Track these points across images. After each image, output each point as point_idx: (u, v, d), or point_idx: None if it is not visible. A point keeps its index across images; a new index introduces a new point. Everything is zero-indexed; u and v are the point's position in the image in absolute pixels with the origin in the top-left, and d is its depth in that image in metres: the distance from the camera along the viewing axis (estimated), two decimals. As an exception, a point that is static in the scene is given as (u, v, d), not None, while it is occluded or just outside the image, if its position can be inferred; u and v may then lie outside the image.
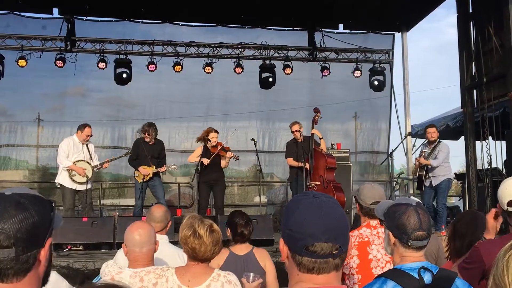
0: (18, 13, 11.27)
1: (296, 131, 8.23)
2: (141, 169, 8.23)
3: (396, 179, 10.79)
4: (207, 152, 7.99)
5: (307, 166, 7.93)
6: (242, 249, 3.83)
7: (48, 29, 11.29)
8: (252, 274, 3.07)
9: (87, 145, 8.15)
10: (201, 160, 7.89)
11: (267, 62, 11.68)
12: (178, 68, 11.15)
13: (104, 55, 11.01)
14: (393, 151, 10.01)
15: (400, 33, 12.53)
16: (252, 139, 9.00)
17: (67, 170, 7.91)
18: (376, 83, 11.86)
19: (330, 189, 7.74)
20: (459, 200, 12.39)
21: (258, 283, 3.07)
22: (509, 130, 8.59)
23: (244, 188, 13.54)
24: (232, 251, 3.81)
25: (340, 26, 12.31)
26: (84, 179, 7.93)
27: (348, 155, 10.32)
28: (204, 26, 12.23)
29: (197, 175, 7.98)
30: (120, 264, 3.00)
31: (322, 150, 8.14)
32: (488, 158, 8.62)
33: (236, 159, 8.17)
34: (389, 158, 10.39)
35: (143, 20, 11.87)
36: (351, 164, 10.32)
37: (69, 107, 12.51)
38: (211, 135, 7.99)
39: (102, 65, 10.88)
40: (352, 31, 12.53)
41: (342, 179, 8.75)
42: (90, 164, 8.07)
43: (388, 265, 2.85)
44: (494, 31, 8.54)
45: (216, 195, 8.22)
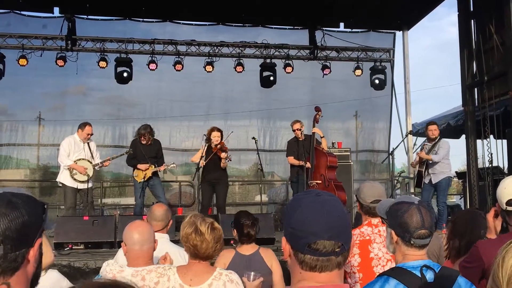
0: (19, 12, 11.25)
1: (298, 129, 8.21)
2: (140, 165, 8.25)
3: (397, 178, 10.78)
4: (209, 151, 7.98)
5: (308, 165, 7.92)
6: (248, 249, 3.83)
7: (49, 28, 11.27)
8: (252, 273, 3.07)
9: (88, 143, 8.15)
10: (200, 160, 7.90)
11: (268, 61, 11.66)
12: (178, 67, 11.14)
13: (105, 54, 11.00)
14: (394, 149, 10.01)
15: (401, 31, 12.49)
16: (253, 138, 8.99)
17: (68, 169, 7.92)
18: (377, 81, 11.84)
19: (331, 187, 7.73)
20: (460, 199, 12.36)
21: (259, 282, 3.06)
22: (510, 129, 8.58)
23: (245, 187, 13.53)
24: (238, 251, 3.81)
25: (341, 24, 12.28)
26: (85, 178, 7.93)
27: (349, 153, 10.31)
28: (205, 25, 12.21)
29: (198, 174, 7.97)
30: (121, 263, 2.99)
31: (323, 148, 8.13)
32: (489, 157, 8.62)
33: (229, 160, 8.05)
34: (390, 156, 10.39)
35: (144, 19, 11.83)
36: (352, 163, 10.32)
37: (70, 106, 12.50)
38: (213, 134, 7.97)
39: (103, 64, 10.87)
40: (353, 30, 12.50)
41: (343, 178, 8.74)
42: (91, 162, 8.08)
43: (390, 263, 2.85)
44: (495, 29, 8.53)
45: (217, 194, 8.20)
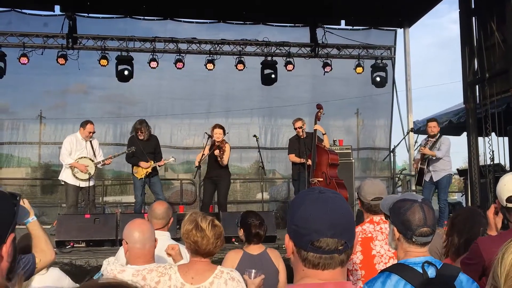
0: (20, 10, 11.24)
1: (299, 127, 8.21)
2: (142, 164, 8.26)
3: (398, 175, 10.78)
4: (211, 149, 7.96)
5: (309, 163, 7.91)
6: (255, 249, 3.84)
7: (50, 26, 11.25)
8: (253, 271, 3.07)
9: (91, 141, 8.15)
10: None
11: (269, 58, 11.63)
12: (179, 65, 11.12)
13: (105, 52, 10.98)
14: (395, 147, 9.98)
15: (402, 29, 12.46)
16: (254, 136, 8.98)
17: (70, 167, 7.93)
18: (378, 79, 11.81)
19: (333, 185, 7.73)
20: (461, 196, 12.36)
21: (260, 279, 3.06)
22: (511, 126, 8.58)
23: (246, 184, 13.53)
24: (246, 251, 3.82)
25: (342, 22, 12.25)
26: (87, 176, 7.93)
27: (350, 151, 10.29)
28: (206, 23, 12.21)
29: (199, 172, 7.97)
30: (122, 261, 2.99)
31: (325, 146, 8.12)
32: (491, 154, 8.62)
33: (220, 158, 7.92)
34: (391, 154, 10.37)
35: (145, 17, 11.82)
36: (353, 161, 10.29)
37: (71, 104, 12.49)
38: (215, 131, 7.96)
39: (103, 62, 10.85)
40: (354, 27, 12.47)
41: (344, 176, 8.72)
42: (93, 161, 8.08)
43: (392, 260, 2.85)
44: (496, 27, 8.51)
45: (218, 191, 8.20)
